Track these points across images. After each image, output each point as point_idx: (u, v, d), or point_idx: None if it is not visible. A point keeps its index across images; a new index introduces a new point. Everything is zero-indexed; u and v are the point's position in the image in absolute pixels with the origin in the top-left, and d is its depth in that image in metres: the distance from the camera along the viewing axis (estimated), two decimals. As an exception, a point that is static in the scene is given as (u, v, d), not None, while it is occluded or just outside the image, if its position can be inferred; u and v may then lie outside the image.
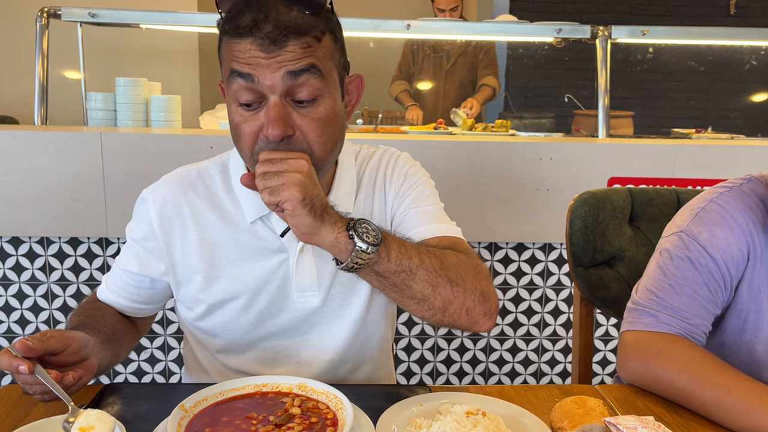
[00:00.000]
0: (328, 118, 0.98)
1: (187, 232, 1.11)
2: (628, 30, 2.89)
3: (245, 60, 0.94)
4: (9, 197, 2.42)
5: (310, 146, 0.98)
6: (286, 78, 0.94)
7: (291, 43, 0.93)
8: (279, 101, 0.94)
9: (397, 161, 1.19)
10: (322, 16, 0.98)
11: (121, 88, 2.80)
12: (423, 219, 1.11)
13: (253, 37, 0.93)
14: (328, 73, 0.98)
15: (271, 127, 0.94)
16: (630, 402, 1.02)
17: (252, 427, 0.84)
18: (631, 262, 1.55)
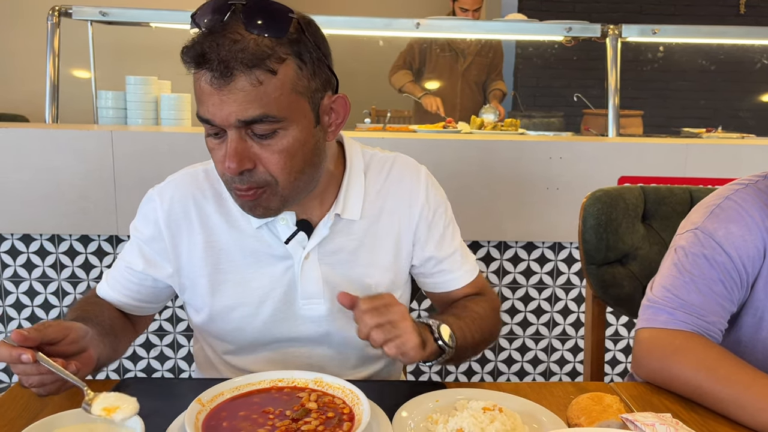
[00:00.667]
0: (292, 149, 0.96)
1: (194, 235, 1.10)
2: (639, 29, 2.88)
3: (202, 97, 0.94)
4: (21, 195, 2.44)
5: (273, 178, 0.97)
6: (237, 123, 0.93)
7: (239, 77, 0.90)
8: (236, 136, 0.94)
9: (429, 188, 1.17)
10: (285, 39, 0.93)
11: (131, 87, 2.81)
12: (456, 263, 1.20)
13: (204, 70, 0.92)
14: (287, 109, 0.94)
15: (228, 162, 0.94)
16: (646, 399, 1.01)
17: (269, 421, 0.84)
18: (643, 260, 1.54)
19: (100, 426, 0.79)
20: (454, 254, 1.20)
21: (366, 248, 1.12)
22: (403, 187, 1.15)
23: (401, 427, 0.87)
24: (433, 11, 3.85)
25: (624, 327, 2.75)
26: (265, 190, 0.97)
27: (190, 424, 0.80)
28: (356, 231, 1.11)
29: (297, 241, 1.08)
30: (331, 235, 1.09)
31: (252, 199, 0.98)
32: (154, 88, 2.84)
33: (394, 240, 1.14)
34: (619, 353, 2.78)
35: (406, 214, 1.15)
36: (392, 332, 0.93)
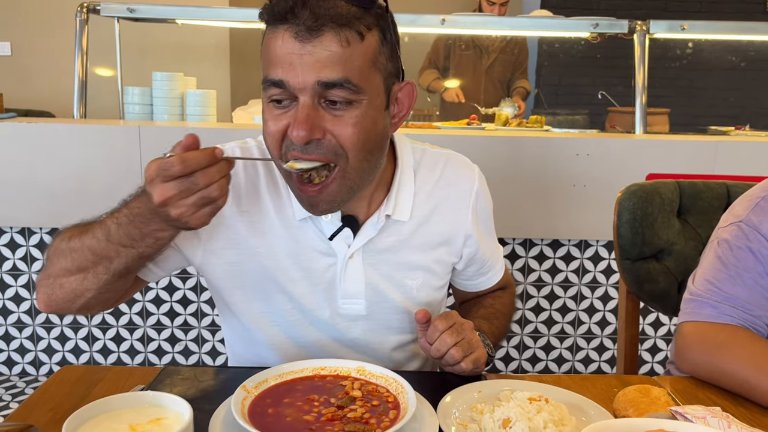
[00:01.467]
0: (364, 125, 0.91)
1: (241, 211, 1.04)
2: (667, 24, 2.85)
3: (278, 57, 0.88)
4: (49, 189, 2.46)
5: (344, 150, 0.91)
6: (316, 85, 0.88)
7: (328, 34, 0.86)
8: (309, 102, 0.89)
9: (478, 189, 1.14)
10: (373, 11, 0.90)
11: (157, 83, 2.83)
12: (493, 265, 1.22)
13: (288, 24, 0.87)
14: (366, 81, 0.90)
15: (296, 129, 0.88)
16: (691, 393, 1.00)
17: (314, 408, 0.83)
18: (679, 255, 1.52)
19: (148, 409, 0.79)
20: (493, 256, 1.21)
21: (412, 250, 1.08)
22: (457, 189, 1.11)
23: (446, 415, 0.86)
24: (459, 8, 3.84)
25: (651, 326, 2.73)
26: (333, 177, 0.93)
27: (236, 409, 0.79)
28: (404, 232, 1.07)
29: (342, 238, 1.04)
30: (378, 235, 1.06)
31: (317, 194, 0.93)
32: (179, 84, 2.86)
33: (442, 242, 1.11)
34: (646, 353, 2.75)
35: (459, 218, 1.11)
36: (468, 349, 0.98)
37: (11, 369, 2.70)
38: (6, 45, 4.39)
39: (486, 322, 1.14)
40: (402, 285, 1.09)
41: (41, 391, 0.94)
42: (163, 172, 0.80)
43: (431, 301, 1.14)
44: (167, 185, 0.80)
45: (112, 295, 1.00)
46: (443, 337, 0.96)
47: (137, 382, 0.97)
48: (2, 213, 2.48)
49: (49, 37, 4.29)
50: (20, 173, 2.44)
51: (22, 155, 2.44)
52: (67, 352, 2.70)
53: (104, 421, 0.77)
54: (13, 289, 2.63)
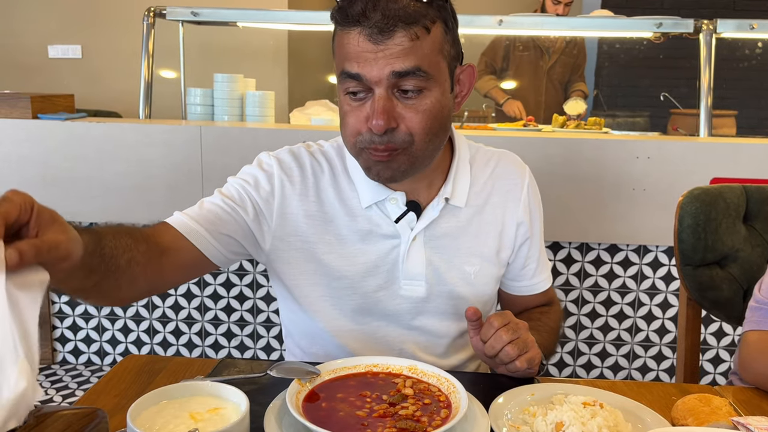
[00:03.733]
0: (433, 110, 0.99)
1: (308, 201, 1.10)
2: (736, 24, 2.75)
3: (353, 54, 0.96)
4: (115, 186, 2.57)
5: (411, 137, 0.99)
6: (391, 76, 0.95)
7: (399, 32, 0.94)
8: (384, 94, 0.97)
9: (532, 188, 1.20)
10: (435, 4, 0.98)
11: (218, 84, 2.91)
12: (539, 269, 1.23)
13: (361, 27, 0.94)
14: (435, 67, 0.98)
15: (375, 119, 0.96)
16: (755, 404, 0.96)
17: (366, 404, 0.85)
18: (744, 262, 1.47)
19: (207, 399, 0.82)
20: (541, 258, 1.22)
21: (470, 236, 1.13)
22: (509, 183, 1.17)
23: (498, 417, 0.86)
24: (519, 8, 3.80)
25: (713, 336, 2.63)
26: (400, 151, 1.00)
27: (291, 402, 0.81)
28: (461, 218, 1.13)
29: (406, 221, 1.10)
30: (438, 218, 1.11)
31: (386, 160, 1.00)
32: (239, 85, 2.93)
33: (496, 233, 1.15)
34: (708, 363, 2.66)
35: (510, 210, 1.16)
36: (524, 348, 0.98)
37: (77, 358, 2.83)
38: (77, 48, 4.59)
39: (536, 333, 1.13)
40: (460, 270, 1.13)
41: (107, 378, 0.98)
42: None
43: (487, 291, 1.17)
44: None
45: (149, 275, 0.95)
46: (499, 333, 0.97)
47: (196, 372, 1.01)
48: (72, 208, 2.60)
49: (117, 40, 4.47)
50: (89, 170, 2.56)
51: (91, 153, 2.55)
52: (130, 343, 2.80)
53: (166, 408, 0.80)
54: (81, 281, 2.75)
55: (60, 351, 2.82)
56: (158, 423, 0.77)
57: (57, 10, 4.56)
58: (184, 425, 0.77)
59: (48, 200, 2.59)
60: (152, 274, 0.96)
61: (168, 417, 0.78)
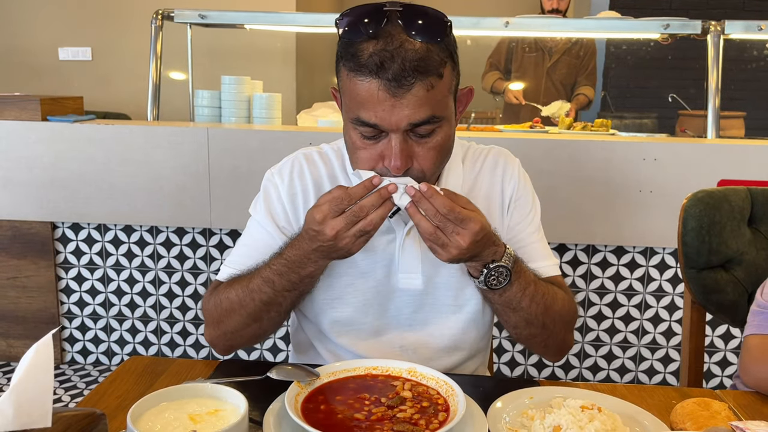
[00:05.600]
0: (444, 144, 1.02)
1: (309, 206, 1.11)
2: (743, 25, 2.73)
3: (369, 104, 0.95)
4: (124, 188, 2.59)
5: (424, 173, 1.01)
6: (407, 126, 0.96)
7: (417, 84, 0.93)
8: (401, 138, 0.97)
9: (521, 175, 1.20)
10: (443, 43, 0.97)
11: (226, 86, 2.93)
12: (539, 254, 1.19)
13: (379, 79, 0.93)
14: (446, 109, 0.99)
15: (393, 161, 0.97)
16: (756, 409, 0.96)
17: (365, 407, 0.85)
18: (749, 266, 1.46)
19: (207, 401, 0.83)
20: (536, 245, 1.19)
21: None
22: (497, 172, 1.19)
23: (496, 420, 0.86)
24: (523, 10, 3.80)
25: (720, 339, 2.62)
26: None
27: (290, 404, 0.82)
28: None
29: (400, 216, 1.12)
30: None
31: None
32: (247, 87, 2.95)
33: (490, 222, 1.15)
34: (715, 366, 2.64)
35: (500, 197, 1.18)
36: (448, 228, 0.97)
37: (86, 358, 2.85)
38: (87, 50, 4.62)
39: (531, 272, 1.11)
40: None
41: (110, 379, 0.99)
42: (335, 206, 0.95)
43: None
44: (337, 220, 0.96)
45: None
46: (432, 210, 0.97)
47: (198, 374, 1.02)
48: (80, 209, 2.62)
49: (127, 42, 4.50)
50: (97, 172, 2.58)
51: (100, 155, 2.57)
52: (137, 343, 2.82)
53: (166, 410, 0.81)
54: (89, 282, 2.77)
55: (69, 351, 2.85)
56: (158, 424, 0.78)
57: (67, 12, 4.60)
58: (184, 427, 0.78)
59: (57, 202, 2.62)
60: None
61: (168, 419, 0.79)
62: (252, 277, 1.07)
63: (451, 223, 0.96)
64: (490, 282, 1.03)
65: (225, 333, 1.12)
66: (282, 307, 1.08)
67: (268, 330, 1.13)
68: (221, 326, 1.12)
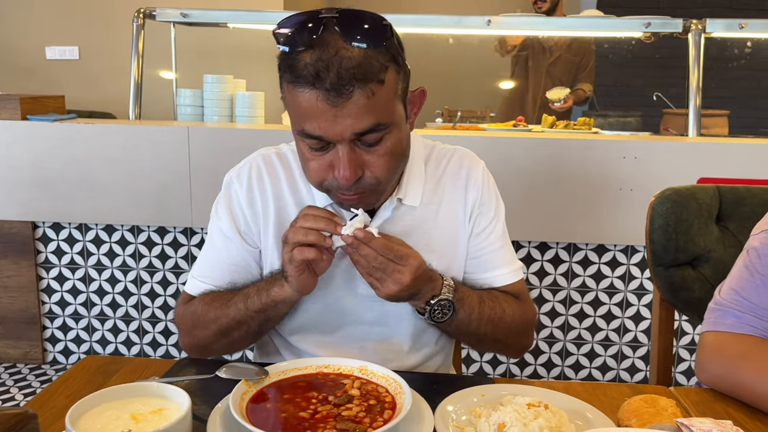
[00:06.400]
0: (395, 150, 1.00)
1: (268, 211, 1.13)
2: (725, 23, 2.74)
3: (310, 115, 0.93)
4: (105, 187, 2.58)
5: (378, 180, 1.00)
6: (352, 135, 0.94)
7: (355, 92, 0.91)
8: (348, 148, 0.95)
9: (485, 179, 1.19)
10: (383, 47, 0.94)
11: (208, 85, 2.92)
12: (503, 260, 1.20)
13: (316, 90, 0.91)
14: (392, 114, 0.97)
15: (342, 172, 0.96)
16: (708, 406, 0.96)
17: (311, 405, 0.85)
18: (717, 263, 1.46)
19: (152, 400, 0.82)
20: (501, 251, 1.20)
21: (424, 234, 1.13)
22: (461, 176, 1.17)
23: (444, 418, 0.86)
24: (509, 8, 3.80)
25: (701, 336, 2.62)
26: (368, 192, 1.02)
27: (234, 402, 0.82)
28: (416, 217, 1.14)
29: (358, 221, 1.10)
30: (391, 218, 1.12)
31: (356, 201, 1.03)
32: (229, 86, 2.94)
33: (452, 227, 1.16)
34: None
35: (463, 203, 1.17)
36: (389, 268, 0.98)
37: (68, 358, 2.85)
38: (74, 49, 4.61)
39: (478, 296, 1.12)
40: None
41: (63, 378, 0.99)
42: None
43: None
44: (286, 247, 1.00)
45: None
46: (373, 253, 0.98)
47: (154, 373, 1.01)
48: (61, 209, 2.62)
49: (114, 41, 4.49)
50: (78, 171, 2.57)
51: (80, 154, 2.57)
52: (120, 343, 2.82)
53: (108, 409, 0.80)
54: (71, 282, 2.76)
55: (50, 351, 2.84)
56: (98, 424, 0.77)
57: (54, 11, 4.59)
58: (125, 426, 0.77)
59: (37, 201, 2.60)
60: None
61: (110, 418, 0.79)
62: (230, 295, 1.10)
63: (392, 262, 0.97)
64: (435, 316, 1.05)
65: (196, 344, 1.14)
66: (251, 327, 1.08)
67: (239, 346, 1.14)
68: (193, 337, 1.14)
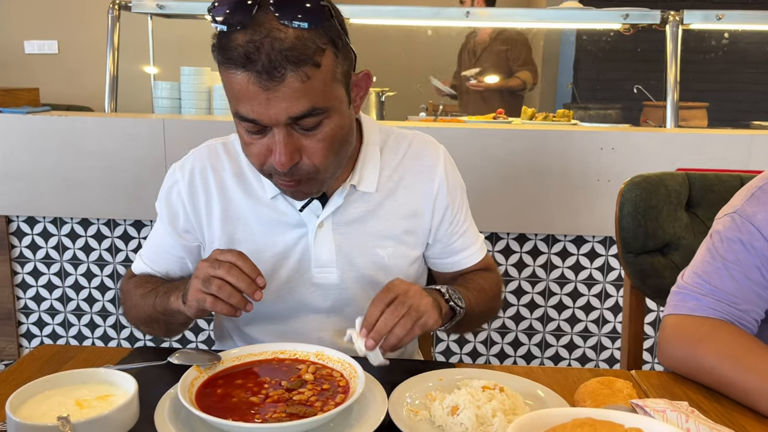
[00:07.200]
0: (334, 135, 0.96)
1: (212, 205, 1.12)
2: (702, 14, 2.74)
3: (244, 98, 0.90)
4: (80, 180, 2.55)
5: (316, 167, 0.97)
6: (287, 119, 0.91)
7: (288, 75, 0.87)
8: (284, 132, 0.92)
9: (447, 163, 1.17)
10: (321, 29, 0.90)
11: (185, 77, 2.89)
12: (469, 241, 1.21)
13: (248, 72, 0.88)
14: (330, 98, 0.94)
15: (278, 157, 0.93)
16: (667, 389, 0.95)
17: (263, 390, 0.84)
18: (686, 250, 1.46)
19: (98, 387, 0.81)
20: (468, 232, 1.21)
21: (381, 220, 1.12)
22: (422, 163, 1.16)
23: (399, 402, 0.85)
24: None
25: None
26: (306, 180, 0.99)
27: (183, 388, 0.80)
28: (371, 203, 1.12)
29: (311, 210, 1.09)
30: (345, 205, 1.10)
31: (295, 187, 1.00)
32: (206, 78, 2.91)
33: (410, 214, 1.14)
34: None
35: (425, 190, 1.15)
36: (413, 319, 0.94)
37: (20, 353, 2.81)
38: (53, 43, 4.56)
39: (463, 288, 1.12)
40: (373, 254, 1.13)
41: (14, 367, 0.97)
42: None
43: (404, 272, 1.15)
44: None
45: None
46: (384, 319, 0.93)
47: (108, 361, 1.00)
48: (35, 203, 2.58)
49: (93, 35, 4.43)
50: (52, 165, 2.54)
51: (54, 147, 2.53)
52: (97, 338, 2.78)
53: (53, 396, 0.79)
54: (46, 276, 2.73)
55: (26, 347, 2.81)
56: (40, 411, 0.76)
57: (33, 5, 4.53)
58: (68, 412, 0.75)
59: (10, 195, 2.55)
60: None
61: (52, 405, 0.77)
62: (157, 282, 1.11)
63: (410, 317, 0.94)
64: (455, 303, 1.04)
65: (129, 320, 1.16)
66: (159, 324, 1.08)
67: (161, 335, 1.15)
68: (126, 314, 1.16)
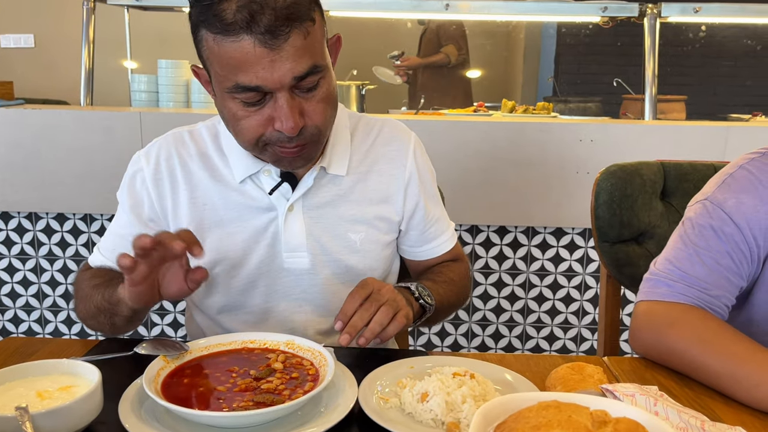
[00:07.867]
0: (331, 95, 0.97)
1: (178, 192, 1.10)
2: (680, 7, 2.75)
3: (247, 65, 0.88)
4: (55, 175, 2.51)
5: (319, 129, 0.97)
6: (292, 80, 0.91)
7: (293, 32, 0.88)
8: (288, 96, 0.92)
9: (417, 149, 1.17)
10: None
11: (162, 70, 2.86)
12: (440, 230, 1.22)
13: (251, 34, 0.86)
14: (325, 56, 0.95)
15: (286, 122, 0.92)
16: (639, 374, 0.96)
17: (231, 379, 0.82)
18: (662, 239, 1.46)
19: (61, 378, 0.79)
20: (441, 220, 1.21)
21: (352, 204, 1.11)
22: (393, 149, 1.15)
23: (369, 389, 0.84)
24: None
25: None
26: (310, 143, 0.98)
27: (148, 378, 0.79)
28: (343, 187, 1.11)
29: (281, 193, 1.08)
30: (315, 188, 1.09)
31: (298, 154, 0.98)
32: (184, 71, 2.88)
33: (382, 199, 1.14)
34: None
35: (396, 176, 1.14)
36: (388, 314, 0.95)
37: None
38: (30, 37, 4.49)
39: (431, 282, 1.13)
40: (345, 238, 1.11)
41: (-22, 359, 0.95)
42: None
43: (377, 258, 1.15)
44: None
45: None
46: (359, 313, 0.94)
47: (73, 353, 0.98)
48: (10, 198, 2.54)
49: (70, 29, 4.36)
50: (27, 159, 2.50)
51: (28, 141, 2.49)
52: (74, 335, 2.75)
53: (14, 387, 0.77)
54: (21, 273, 2.69)
55: (2, 344, 2.76)
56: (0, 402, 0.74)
57: (8, -2, 4.46)
58: (28, 404, 0.74)
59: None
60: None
61: (13, 396, 0.75)
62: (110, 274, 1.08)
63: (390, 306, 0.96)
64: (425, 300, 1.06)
65: (78, 316, 1.11)
66: (106, 319, 1.03)
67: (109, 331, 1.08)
68: (76, 309, 1.12)
